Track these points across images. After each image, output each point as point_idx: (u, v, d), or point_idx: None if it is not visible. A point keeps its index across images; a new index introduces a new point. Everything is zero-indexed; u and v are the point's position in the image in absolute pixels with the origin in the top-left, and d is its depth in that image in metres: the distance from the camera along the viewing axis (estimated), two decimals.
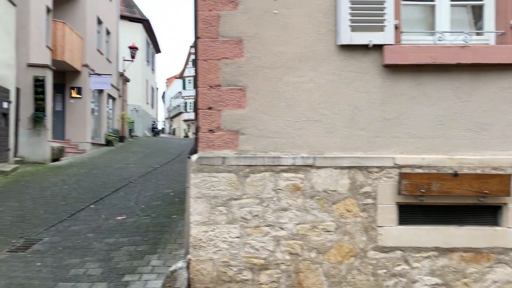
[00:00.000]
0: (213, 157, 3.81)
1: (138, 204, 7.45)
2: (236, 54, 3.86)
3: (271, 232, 3.77)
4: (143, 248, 4.98)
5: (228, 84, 3.86)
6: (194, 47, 4.30)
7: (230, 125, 3.86)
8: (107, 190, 8.89)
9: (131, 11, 30.93)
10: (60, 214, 6.81)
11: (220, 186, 3.80)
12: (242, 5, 3.86)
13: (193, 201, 3.81)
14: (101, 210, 7.09)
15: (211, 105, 3.87)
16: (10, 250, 5.07)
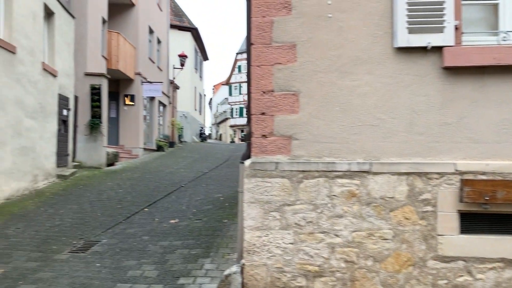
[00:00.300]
0: (266, 162, 3.82)
1: (190, 208, 7.60)
2: (290, 59, 3.86)
3: (325, 239, 3.71)
4: (196, 252, 5.06)
5: (281, 89, 3.85)
6: (246, 53, 4.33)
7: (283, 130, 3.85)
8: (160, 194, 9.13)
9: (180, 20, 31.79)
10: (116, 217, 7.06)
11: (273, 192, 3.79)
12: (295, 10, 3.86)
13: (247, 206, 3.82)
14: (154, 214, 7.28)
15: (264, 111, 3.88)
16: (71, 250, 5.31)
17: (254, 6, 3.89)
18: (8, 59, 8.03)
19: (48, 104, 9.94)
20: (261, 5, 3.89)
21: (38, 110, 9.40)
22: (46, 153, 9.85)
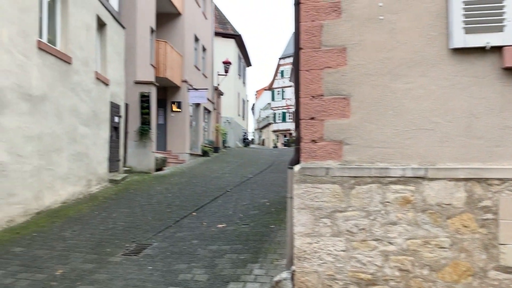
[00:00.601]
0: (316, 168, 3.77)
1: (236, 213, 7.65)
2: (340, 63, 3.80)
3: (379, 246, 3.61)
4: (245, 257, 5.07)
5: (331, 93, 3.81)
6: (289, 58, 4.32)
7: (333, 135, 3.79)
8: (207, 198, 9.26)
9: (224, 27, 32.28)
10: (166, 220, 7.23)
11: (324, 198, 3.74)
12: (345, 13, 3.80)
13: (296, 212, 3.79)
14: (202, 218, 7.39)
15: (313, 115, 3.84)
16: (124, 253, 5.47)
17: (303, 10, 3.87)
18: (64, 69, 8.45)
19: (100, 112, 10.36)
20: (310, 9, 3.87)
21: (92, 118, 9.81)
22: (99, 159, 10.25)
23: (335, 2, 3.82)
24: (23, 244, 5.74)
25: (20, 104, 6.90)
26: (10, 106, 6.61)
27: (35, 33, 7.36)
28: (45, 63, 7.68)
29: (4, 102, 6.46)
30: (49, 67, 7.83)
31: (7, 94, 6.53)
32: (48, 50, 7.79)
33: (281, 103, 58.51)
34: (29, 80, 7.14)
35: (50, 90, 7.86)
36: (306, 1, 3.87)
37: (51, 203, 7.90)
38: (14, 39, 6.72)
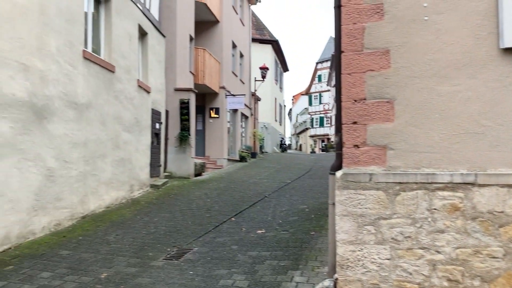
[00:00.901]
0: (359, 174, 3.69)
1: (275, 219, 7.60)
2: (383, 66, 3.71)
3: (425, 255, 3.47)
4: (285, 263, 5.02)
5: (374, 97, 3.72)
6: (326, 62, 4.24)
7: (377, 140, 3.70)
8: (245, 204, 9.27)
9: (262, 33, 32.45)
10: (205, 225, 7.28)
11: (367, 204, 3.65)
12: (388, 15, 3.71)
13: (339, 218, 3.71)
14: (241, 223, 7.39)
15: (356, 120, 3.76)
16: (166, 258, 5.55)
17: (344, 13, 3.82)
18: (108, 78, 8.73)
19: (142, 119, 10.63)
20: (351, 12, 3.80)
21: (134, 124, 10.07)
22: (141, 164, 10.50)
23: (377, 4, 3.74)
24: (69, 247, 5.93)
25: (67, 111, 7.18)
26: (57, 114, 6.89)
27: (80, 43, 7.65)
28: (90, 72, 7.97)
29: (52, 110, 6.74)
30: (94, 75, 8.11)
31: (55, 102, 6.80)
32: (93, 59, 8.08)
33: (319, 107, 58.05)
34: (75, 89, 7.42)
35: (95, 98, 8.14)
36: (347, 4, 3.81)
37: (96, 208, 8.15)
38: (61, 49, 7.00)
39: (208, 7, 16.62)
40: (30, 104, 6.17)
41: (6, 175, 5.70)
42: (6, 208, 5.67)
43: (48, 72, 6.62)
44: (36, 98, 6.30)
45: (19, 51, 5.94)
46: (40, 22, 6.43)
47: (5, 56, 5.65)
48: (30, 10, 6.18)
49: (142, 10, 10.72)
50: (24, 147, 6.05)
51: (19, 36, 5.94)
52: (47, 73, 6.59)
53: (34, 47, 6.27)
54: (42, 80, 6.45)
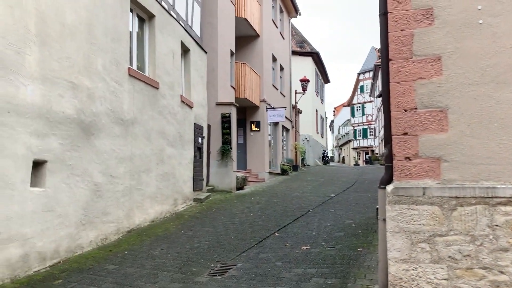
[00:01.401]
0: (411, 188, 3.48)
1: (320, 234, 7.39)
2: (434, 73, 3.51)
3: (487, 276, 3.20)
4: (333, 282, 4.82)
5: (426, 106, 3.52)
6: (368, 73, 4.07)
7: (429, 152, 3.48)
8: (288, 218, 9.11)
9: (301, 45, 32.40)
10: (249, 240, 7.19)
11: (421, 220, 3.42)
12: (438, 20, 3.52)
13: (390, 235, 3.50)
14: (285, 239, 7.24)
15: (406, 130, 3.57)
16: (210, 273, 5.49)
17: (391, 20, 3.66)
18: (153, 94, 8.91)
19: (185, 133, 10.76)
20: (399, 18, 3.64)
21: (177, 139, 10.21)
22: (184, 178, 10.60)
23: (426, 8, 3.56)
24: (115, 262, 6.00)
25: (113, 127, 7.36)
26: (104, 130, 7.07)
27: (126, 61, 7.86)
28: (135, 89, 8.16)
29: (99, 127, 6.92)
30: (139, 92, 8.29)
31: (102, 119, 6.99)
32: (138, 76, 8.27)
33: (362, 119, 57.01)
34: (121, 105, 7.61)
35: (140, 113, 8.31)
36: (394, 10, 3.65)
37: (141, 222, 8.26)
38: (108, 67, 7.21)
39: (248, 22, 16.78)
40: (78, 121, 6.37)
41: (56, 190, 5.87)
42: (55, 222, 5.83)
43: (95, 90, 6.82)
44: (84, 115, 6.50)
45: (68, 70, 6.15)
46: (88, 41, 6.66)
47: (55, 75, 5.87)
48: (78, 30, 6.42)
49: (184, 27, 10.93)
50: (73, 162, 6.23)
51: (68, 56, 6.16)
52: (94, 91, 6.79)
53: (82, 66, 6.49)
54: (89, 97, 6.65)
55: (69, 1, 6.24)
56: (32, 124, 5.43)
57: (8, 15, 5.08)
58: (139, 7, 8.72)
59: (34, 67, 5.49)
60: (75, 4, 6.37)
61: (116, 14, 7.57)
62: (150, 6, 8.99)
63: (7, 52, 5.06)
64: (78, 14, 6.44)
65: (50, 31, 5.80)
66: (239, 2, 16.37)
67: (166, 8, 9.80)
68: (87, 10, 6.68)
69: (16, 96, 5.17)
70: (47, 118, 5.70)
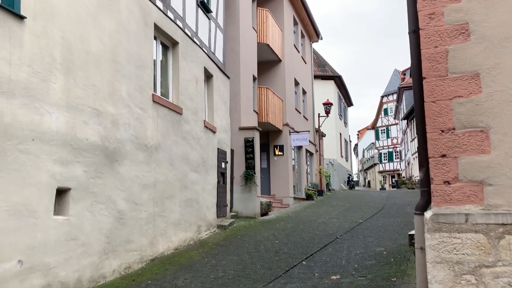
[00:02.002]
0: (452, 214, 3.21)
1: (350, 263, 7.06)
2: (472, 91, 3.29)
3: None
4: None
5: (465, 126, 3.29)
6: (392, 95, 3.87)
7: (471, 175, 3.23)
8: (315, 246, 8.79)
9: (323, 69, 32.41)
10: (275, 270, 6.91)
11: (464, 250, 3.15)
12: (475, 35, 3.33)
13: (431, 266, 3.23)
14: (313, 268, 6.94)
15: (444, 152, 3.33)
16: None
17: (424, 37, 3.48)
18: (176, 120, 8.89)
19: (209, 158, 10.67)
20: (431, 34, 3.46)
21: (201, 164, 10.11)
22: (207, 204, 10.45)
23: (461, 24, 3.38)
24: None
25: (137, 154, 7.31)
26: (128, 156, 7.03)
27: (150, 87, 7.88)
28: (159, 115, 8.15)
29: (123, 153, 6.88)
30: (163, 118, 8.28)
31: (126, 145, 6.96)
32: (162, 102, 8.28)
33: (387, 142, 56.16)
34: (145, 131, 7.59)
35: (164, 139, 8.28)
36: (427, 26, 3.48)
37: (164, 250, 8.10)
38: (132, 94, 7.23)
39: (270, 48, 16.85)
40: (103, 147, 6.34)
41: (79, 218, 5.79)
42: (79, 251, 5.73)
43: (120, 116, 6.82)
44: (108, 142, 6.47)
45: (93, 97, 6.17)
46: (112, 68, 6.70)
47: (79, 102, 5.89)
48: (102, 58, 6.47)
49: (207, 54, 11.00)
50: (97, 190, 6.17)
51: (92, 83, 6.19)
52: (119, 117, 6.79)
53: (106, 93, 6.51)
54: (113, 124, 6.64)
55: (94, 29, 6.32)
56: (56, 151, 5.41)
57: (34, 44, 5.14)
58: (162, 35, 8.81)
59: (59, 95, 5.52)
60: (99, 32, 6.44)
61: (140, 41, 7.64)
62: (174, 34, 9.07)
63: (33, 81, 5.10)
64: (103, 41, 6.51)
65: (75, 59, 5.85)
66: (261, 28, 16.50)
67: (189, 35, 9.89)
68: (112, 38, 6.75)
69: (41, 123, 5.18)
70: (71, 145, 5.69)
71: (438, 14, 3.46)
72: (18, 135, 4.85)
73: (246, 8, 15.10)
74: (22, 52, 4.97)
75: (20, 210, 4.85)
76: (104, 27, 6.58)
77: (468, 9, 3.36)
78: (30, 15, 5.08)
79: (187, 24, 9.92)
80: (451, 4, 3.42)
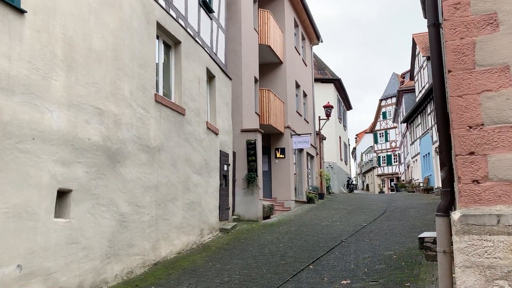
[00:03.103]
0: (483, 215, 3.02)
1: (359, 267, 6.85)
2: (502, 84, 3.11)
3: None
4: None
5: (495, 121, 3.10)
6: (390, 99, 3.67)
7: (502, 173, 3.04)
8: (321, 249, 8.58)
9: (323, 72, 32.30)
10: (282, 274, 6.70)
11: (496, 253, 2.95)
12: (504, 26, 3.14)
13: (460, 271, 3.03)
14: (321, 272, 6.72)
15: (472, 149, 3.14)
16: None
17: (449, 28, 3.29)
18: (179, 120, 8.68)
19: (211, 160, 10.46)
20: (457, 25, 3.27)
21: (203, 166, 9.90)
22: (210, 207, 10.23)
23: (489, 13, 3.19)
24: None
25: (140, 155, 7.10)
26: (130, 157, 6.82)
27: (152, 87, 7.68)
28: (162, 115, 7.94)
29: (125, 154, 6.67)
30: (165, 118, 8.08)
31: (128, 146, 6.75)
32: (164, 102, 8.08)
33: (385, 145, 56.04)
34: (147, 132, 7.38)
35: (166, 140, 8.07)
36: (452, 17, 3.30)
37: (167, 254, 7.87)
38: (134, 93, 7.03)
39: (272, 49, 16.68)
40: (105, 148, 6.13)
41: (81, 221, 5.58)
42: (80, 255, 5.51)
43: (122, 116, 6.61)
44: (110, 142, 6.27)
45: (95, 95, 5.97)
46: (114, 67, 6.50)
47: (81, 101, 5.68)
48: (105, 56, 6.27)
49: (209, 54, 10.82)
50: (98, 192, 5.95)
51: (94, 81, 5.99)
52: (121, 117, 6.58)
53: (109, 92, 6.31)
54: (116, 124, 6.44)
55: (96, 26, 6.12)
56: (57, 151, 5.20)
57: (35, 40, 4.94)
58: (165, 33, 8.62)
59: (60, 93, 5.31)
60: (102, 29, 6.25)
61: (143, 40, 7.45)
62: (176, 33, 8.89)
63: (33, 77, 4.89)
64: (105, 39, 6.31)
65: (77, 56, 5.65)
66: (263, 29, 16.34)
67: (192, 35, 9.70)
68: (114, 36, 6.56)
69: (41, 122, 4.97)
70: (73, 145, 5.48)
71: (464, 3, 3.27)
72: (17, 133, 4.64)
73: (247, 9, 14.94)
74: (22, 47, 4.76)
75: (20, 212, 4.63)
76: (107, 25, 6.39)
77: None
78: (30, 9, 4.88)
79: (189, 24, 9.74)
80: None
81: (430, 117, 27.96)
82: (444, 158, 3.71)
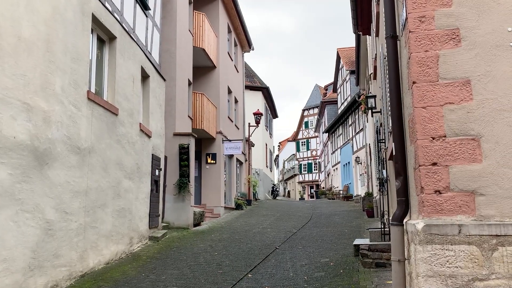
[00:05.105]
0: (445, 225, 3.08)
1: (299, 275, 6.84)
2: (464, 98, 3.22)
3: None
4: None
5: (456, 133, 3.19)
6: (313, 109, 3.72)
7: (462, 184, 3.14)
8: (256, 257, 8.48)
9: (252, 80, 32.57)
10: (221, 284, 6.47)
11: (457, 262, 3.02)
12: (466, 41, 3.27)
13: (423, 280, 3.06)
14: (261, 281, 6.60)
15: (435, 160, 3.21)
16: None
17: (414, 40, 3.36)
18: (112, 121, 8.12)
19: (143, 165, 9.94)
20: (422, 38, 3.35)
21: (135, 171, 9.37)
22: (140, 215, 9.69)
23: (452, 29, 3.30)
24: None
25: (69, 157, 6.49)
26: (59, 159, 6.20)
27: (85, 83, 7.10)
28: (94, 114, 7.36)
29: (54, 155, 6.05)
30: (98, 118, 7.50)
31: (57, 146, 6.14)
32: (97, 101, 7.50)
33: (307, 154, 57.91)
34: (78, 132, 6.78)
35: (98, 142, 7.49)
36: (417, 29, 3.37)
37: (95, 264, 7.27)
38: (66, 89, 6.43)
39: (206, 53, 16.41)
40: (32, 148, 5.50)
41: (2, 229, 4.92)
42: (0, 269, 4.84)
43: (52, 113, 6.00)
44: (38, 142, 5.63)
45: (23, 89, 5.34)
46: (46, 59, 5.89)
47: (7, 94, 5.04)
48: (35, 46, 5.65)
49: (144, 52, 10.32)
50: (23, 196, 5.30)
51: (23, 73, 5.36)
52: (51, 114, 5.97)
53: (38, 86, 5.69)
54: (45, 121, 5.81)
55: (27, 13, 5.49)
56: None
57: None
58: (100, 27, 8.04)
59: None
60: (33, 16, 5.62)
61: (77, 32, 6.86)
62: (112, 27, 8.34)
63: None
64: (37, 28, 5.69)
65: (3, 43, 5.01)
66: (198, 32, 16.03)
67: (127, 31, 9.17)
68: (47, 25, 5.94)
69: None
70: None
71: (429, 17, 3.36)
72: None
73: (183, 10, 14.57)
74: None
75: None
76: (39, 12, 5.76)
77: (459, 15, 3.30)
78: None
79: (125, 19, 9.20)
80: (441, 9, 3.34)
81: (351, 128, 29.40)
82: (400, 168, 3.78)
